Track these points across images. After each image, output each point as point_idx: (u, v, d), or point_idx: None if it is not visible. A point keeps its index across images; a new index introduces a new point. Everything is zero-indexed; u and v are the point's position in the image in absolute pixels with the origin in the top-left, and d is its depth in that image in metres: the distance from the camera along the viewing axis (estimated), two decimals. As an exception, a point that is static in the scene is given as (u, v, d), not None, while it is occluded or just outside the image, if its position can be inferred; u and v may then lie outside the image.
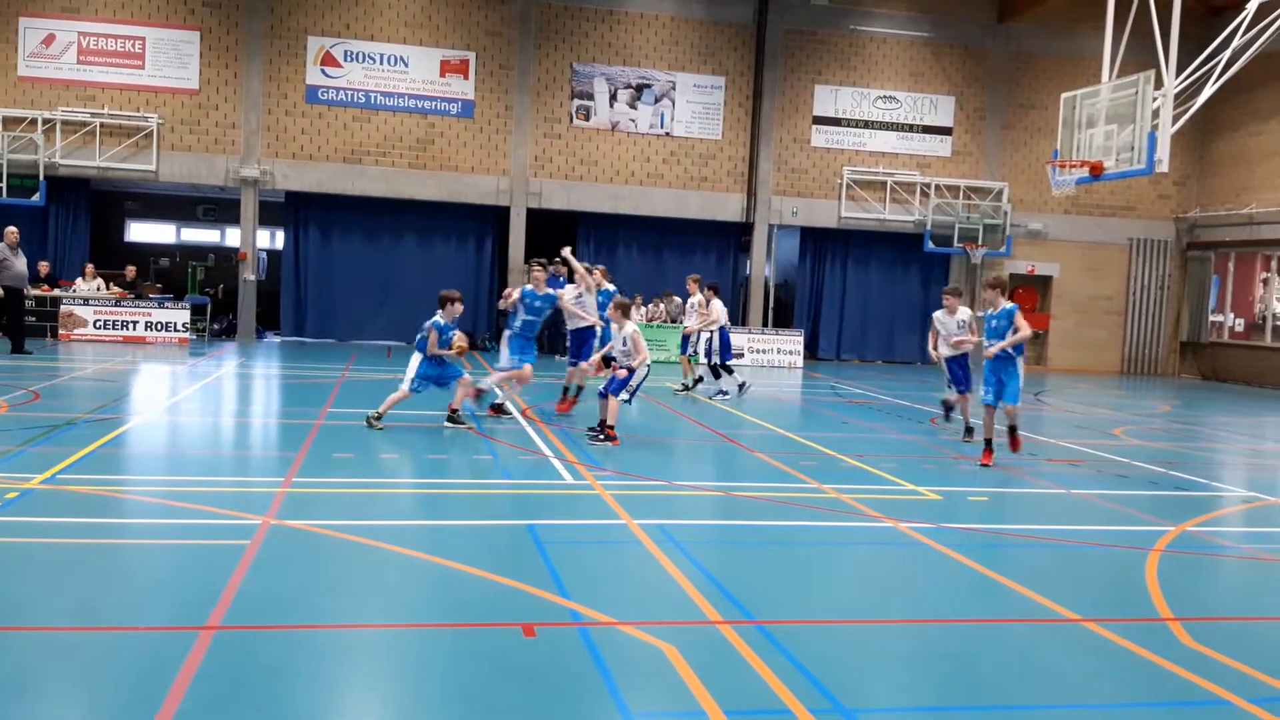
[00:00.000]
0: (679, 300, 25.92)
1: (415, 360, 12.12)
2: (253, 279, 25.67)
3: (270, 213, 26.70)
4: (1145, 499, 10.02)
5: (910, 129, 28.02)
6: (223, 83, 24.84)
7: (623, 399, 11.92)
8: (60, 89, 24.09)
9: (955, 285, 13.37)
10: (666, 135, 26.84)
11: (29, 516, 7.47)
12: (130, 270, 25.08)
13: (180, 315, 23.41)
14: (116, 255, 27.51)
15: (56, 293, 23.10)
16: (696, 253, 27.84)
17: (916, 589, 7.03)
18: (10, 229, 19.39)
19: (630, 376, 11.97)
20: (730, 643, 5.48)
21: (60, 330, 22.43)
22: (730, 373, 17.82)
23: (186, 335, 23.28)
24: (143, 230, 30.53)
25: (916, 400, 18.72)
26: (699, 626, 5.73)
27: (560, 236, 27.20)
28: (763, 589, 6.63)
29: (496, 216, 26.71)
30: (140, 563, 6.74)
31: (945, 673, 5.39)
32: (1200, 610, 6.75)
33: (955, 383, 13.53)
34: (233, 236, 27.89)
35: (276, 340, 25.70)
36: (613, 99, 26.60)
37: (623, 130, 26.66)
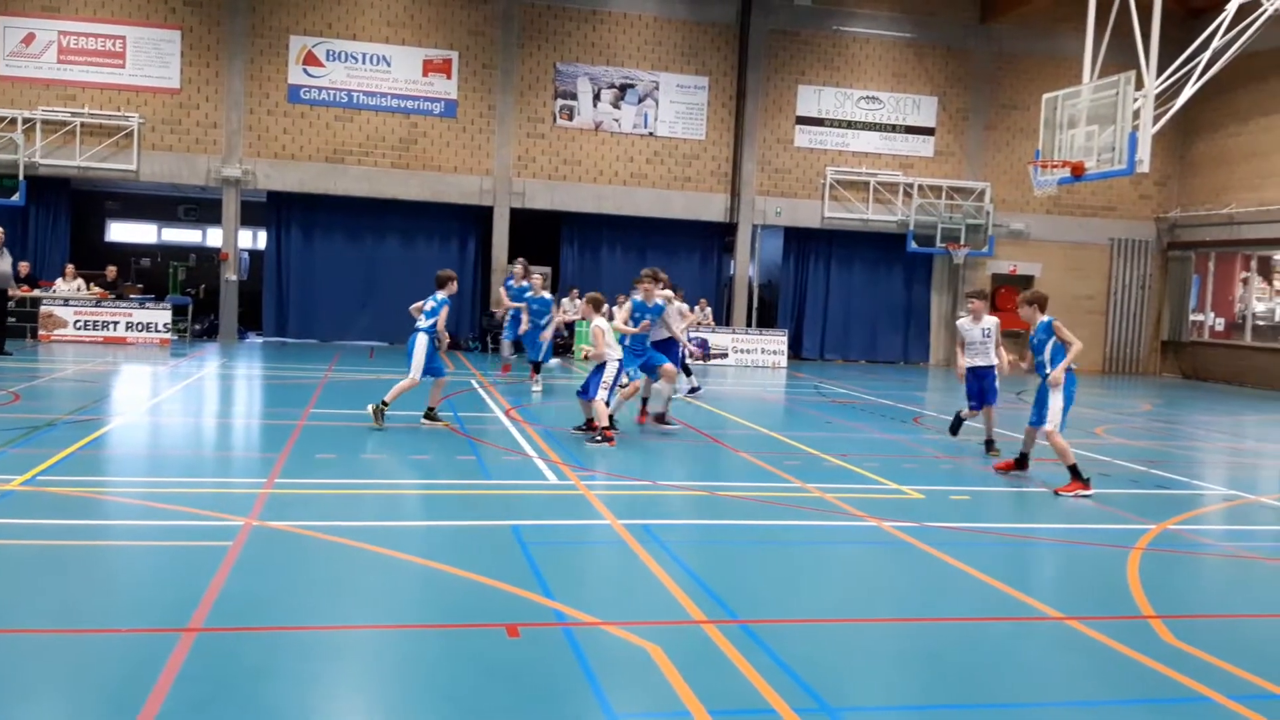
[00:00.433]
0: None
1: (421, 348, 12.05)
2: (234, 279, 25.55)
3: (252, 213, 26.58)
4: (1126, 497, 10.07)
5: (893, 129, 28.10)
6: (204, 82, 24.72)
7: (602, 398, 11.86)
8: (40, 88, 23.93)
9: (980, 288, 12.16)
10: (650, 135, 26.83)
11: (9, 518, 7.41)
12: (111, 270, 24.92)
13: (161, 316, 23.27)
14: (97, 255, 27.32)
15: (36, 293, 22.94)
16: (680, 253, 27.84)
17: (900, 588, 7.05)
18: None
19: (601, 374, 11.89)
20: (714, 642, 5.48)
21: (40, 331, 22.27)
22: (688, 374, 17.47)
23: (168, 336, 23.14)
24: (123, 230, 30.34)
25: (900, 400, 18.77)
26: (683, 626, 5.74)
27: (544, 237, 27.31)
28: (747, 588, 6.64)
29: (480, 216, 26.66)
30: (122, 564, 6.70)
31: (928, 671, 5.41)
32: (1181, 608, 6.80)
33: (969, 395, 12.28)
34: (214, 237, 27.75)
35: (258, 341, 25.59)
36: (596, 99, 26.58)
37: (606, 130, 26.65)
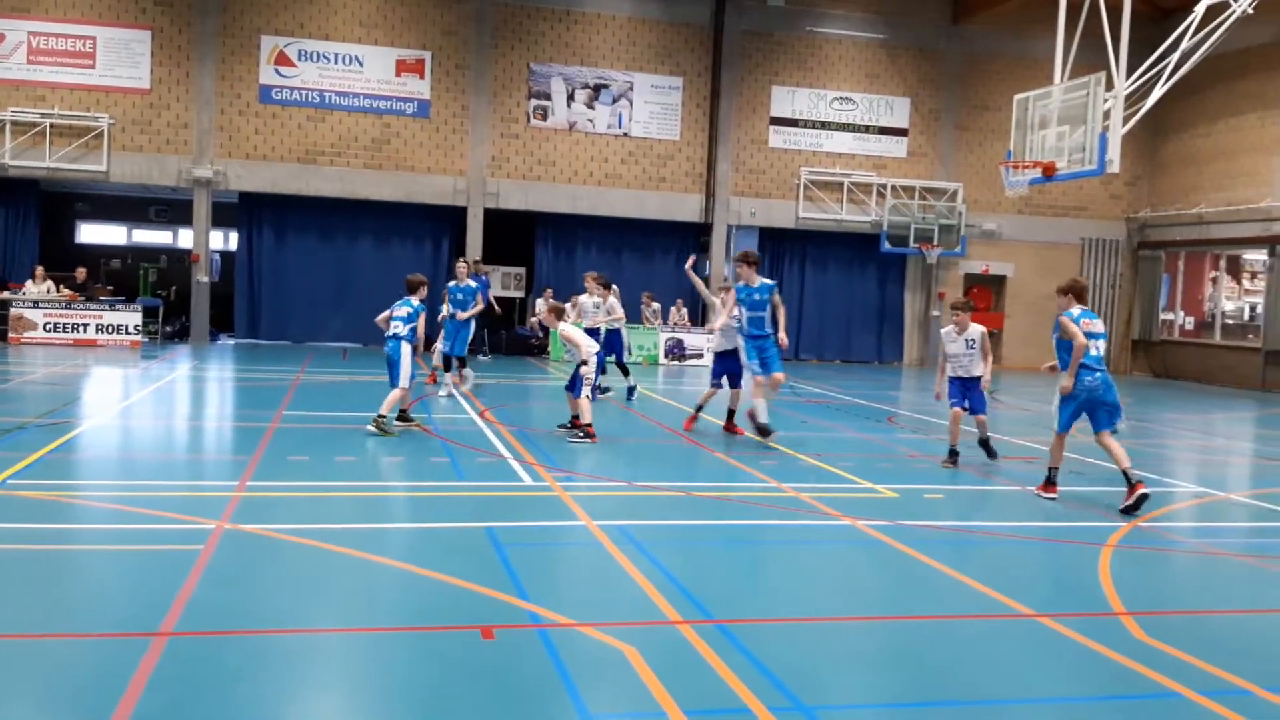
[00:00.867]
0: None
1: (407, 356, 12.12)
2: (206, 281, 25.35)
3: (223, 214, 26.36)
4: (1098, 495, 10.14)
5: (866, 130, 28.21)
6: (174, 82, 24.52)
7: (586, 395, 12.14)
8: (9, 89, 23.65)
9: (965, 299, 11.77)
10: (624, 136, 26.83)
11: (-23, 523, 7.33)
12: (81, 272, 24.65)
13: (132, 318, 23.06)
14: (67, 257, 27.03)
15: (5, 295, 22.69)
16: (655, 253, 27.85)
17: (875, 587, 7.08)
18: None
19: (582, 372, 12.16)
20: (690, 643, 5.49)
21: (9, 334, 22.03)
22: (626, 374, 17.27)
23: (138, 338, 22.94)
24: (93, 232, 30.07)
25: (874, 399, 18.85)
26: (659, 627, 5.74)
27: (518, 237, 27.25)
28: (723, 588, 6.65)
29: (453, 217, 26.55)
30: (93, 569, 6.64)
31: (903, 669, 5.44)
32: (1152, 604, 6.86)
33: (951, 395, 11.64)
34: (185, 238, 27.54)
35: (230, 343, 25.40)
36: (570, 99, 26.54)
37: (580, 130, 26.62)
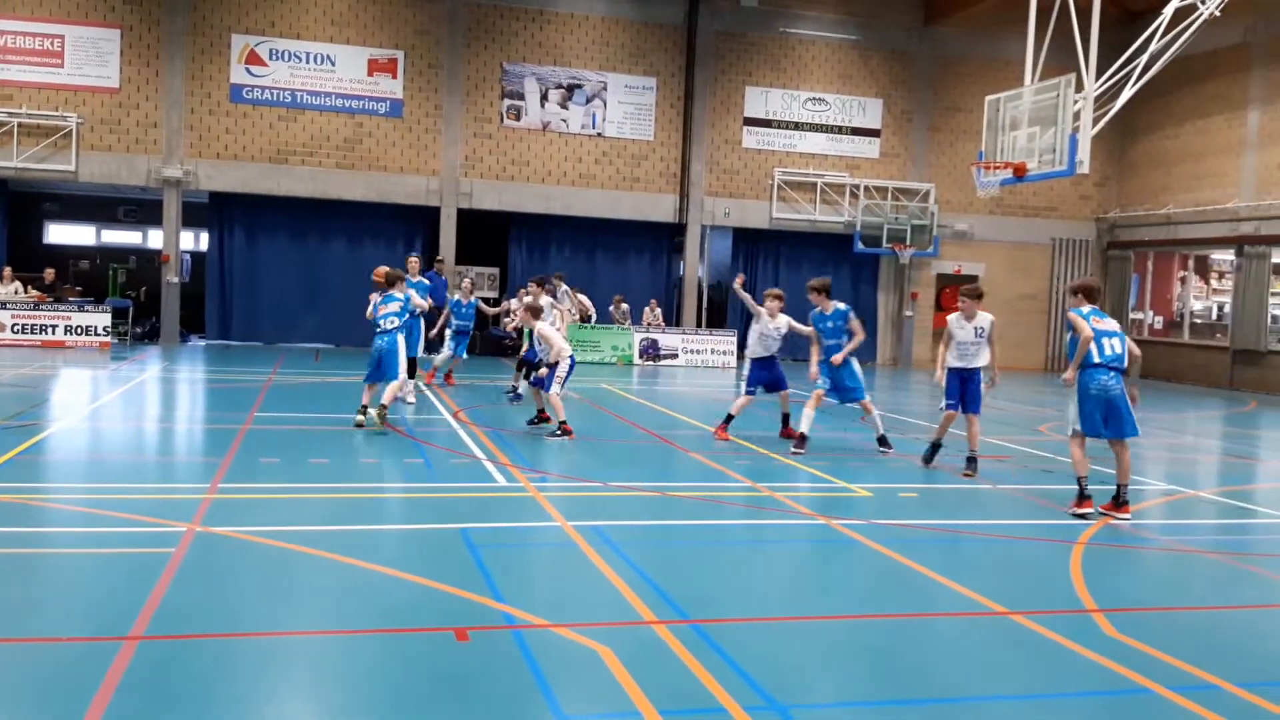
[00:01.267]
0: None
1: (402, 349, 12.28)
2: (176, 281, 25.14)
3: (194, 214, 26.16)
4: (1069, 493, 10.20)
5: (839, 131, 28.32)
6: (144, 81, 24.30)
7: (555, 391, 12.23)
8: (-26, 87, 23.43)
9: (975, 286, 11.50)
10: (598, 136, 26.81)
11: (-58, 527, 7.25)
12: (49, 273, 24.42)
13: (101, 319, 22.84)
14: (35, 257, 26.77)
15: (-29, 296, 22.45)
16: (629, 253, 27.87)
17: (849, 585, 7.11)
18: None
19: (554, 370, 12.30)
20: (665, 642, 5.49)
21: (-24, 335, 21.79)
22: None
23: (108, 339, 22.72)
24: (62, 232, 29.78)
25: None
26: (634, 627, 5.74)
27: (492, 238, 27.18)
28: (697, 588, 6.65)
29: (426, 217, 26.44)
30: (62, 572, 6.57)
31: (876, 667, 5.46)
32: (1122, 601, 6.91)
33: (948, 395, 11.22)
34: (155, 238, 27.31)
35: (201, 344, 25.19)
36: (544, 99, 26.50)
37: (554, 130, 26.58)
